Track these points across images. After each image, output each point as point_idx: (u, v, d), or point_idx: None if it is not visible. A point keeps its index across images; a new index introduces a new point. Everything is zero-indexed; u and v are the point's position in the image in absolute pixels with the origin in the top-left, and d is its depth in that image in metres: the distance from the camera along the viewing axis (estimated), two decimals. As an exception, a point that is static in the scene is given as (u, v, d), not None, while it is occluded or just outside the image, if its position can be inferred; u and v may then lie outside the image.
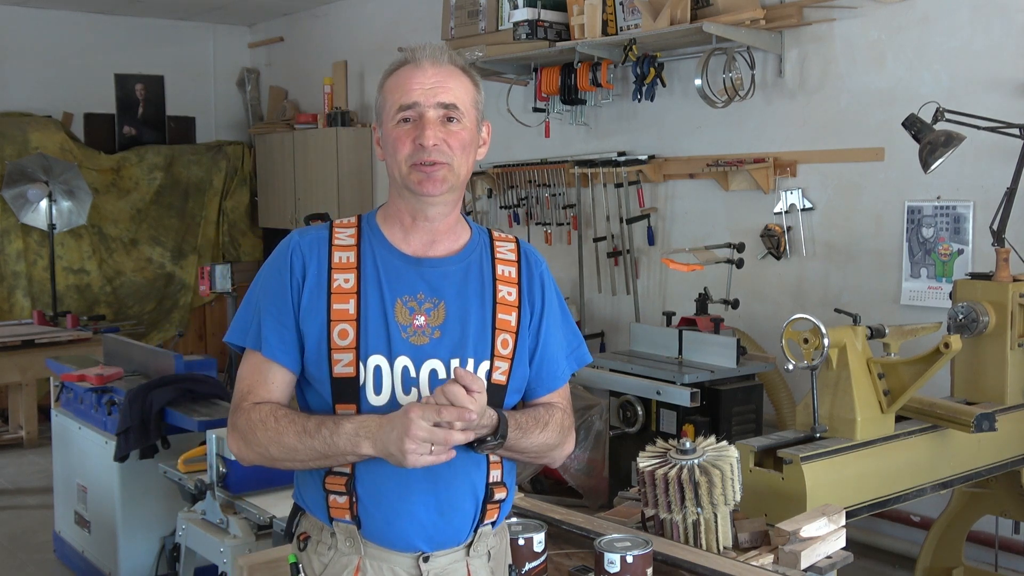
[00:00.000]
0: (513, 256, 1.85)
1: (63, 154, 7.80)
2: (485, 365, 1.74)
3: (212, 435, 3.33)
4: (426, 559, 1.73)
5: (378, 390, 1.69)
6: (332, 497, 1.71)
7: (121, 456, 3.91)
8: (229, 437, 1.74)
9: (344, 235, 1.78)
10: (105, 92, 8.37)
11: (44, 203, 7.43)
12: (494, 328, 1.76)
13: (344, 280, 1.72)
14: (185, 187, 8.52)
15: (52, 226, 7.45)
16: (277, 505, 3.18)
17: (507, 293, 1.80)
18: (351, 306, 1.71)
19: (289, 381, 1.75)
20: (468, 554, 1.76)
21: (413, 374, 1.70)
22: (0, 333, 6.43)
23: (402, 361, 1.70)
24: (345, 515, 1.71)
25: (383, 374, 1.69)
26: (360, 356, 1.69)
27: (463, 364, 1.72)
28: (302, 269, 1.73)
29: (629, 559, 2.01)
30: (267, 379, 1.73)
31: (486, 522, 1.78)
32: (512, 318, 1.79)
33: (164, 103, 8.66)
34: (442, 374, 1.71)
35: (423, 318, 1.72)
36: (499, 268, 1.82)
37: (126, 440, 3.88)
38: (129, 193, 8.27)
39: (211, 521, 3.35)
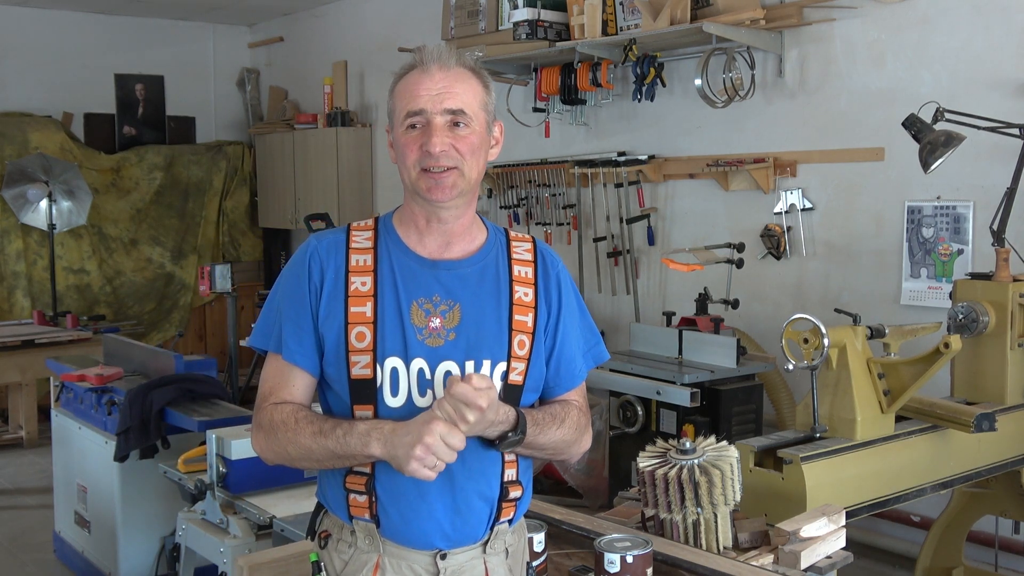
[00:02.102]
0: (530, 256, 1.86)
1: (63, 154, 7.80)
2: (502, 366, 1.76)
3: (212, 435, 3.33)
4: (443, 556, 1.75)
5: (395, 391, 1.72)
6: (352, 496, 1.74)
7: (121, 456, 3.91)
8: (253, 436, 1.79)
9: (361, 238, 1.80)
10: (105, 92, 8.37)
11: (44, 203, 7.43)
12: (511, 329, 1.78)
13: (361, 283, 1.75)
14: (185, 187, 8.52)
15: (52, 226, 7.45)
16: (277, 505, 3.17)
17: (524, 294, 1.82)
18: (368, 309, 1.74)
19: (309, 383, 1.79)
20: (485, 551, 1.79)
21: (428, 376, 1.73)
22: (0, 333, 6.43)
23: (418, 363, 1.72)
24: (364, 513, 1.74)
25: (399, 376, 1.72)
26: (377, 358, 1.72)
27: (478, 365, 1.74)
28: (320, 274, 1.76)
29: (629, 559, 2.01)
30: (288, 381, 1.78)
31: (502, 520, 1.80)
32: (529, 319, 1.80)
33: (164, 103, 8.65)
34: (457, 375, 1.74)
35: (439, 320, 1.74)
36: (515, 269, 1.83)
37: (126, 440, 3.88)
38: (129, 193, 8.27)
39: (211, 521, 3.34)
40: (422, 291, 1.76)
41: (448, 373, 1.72)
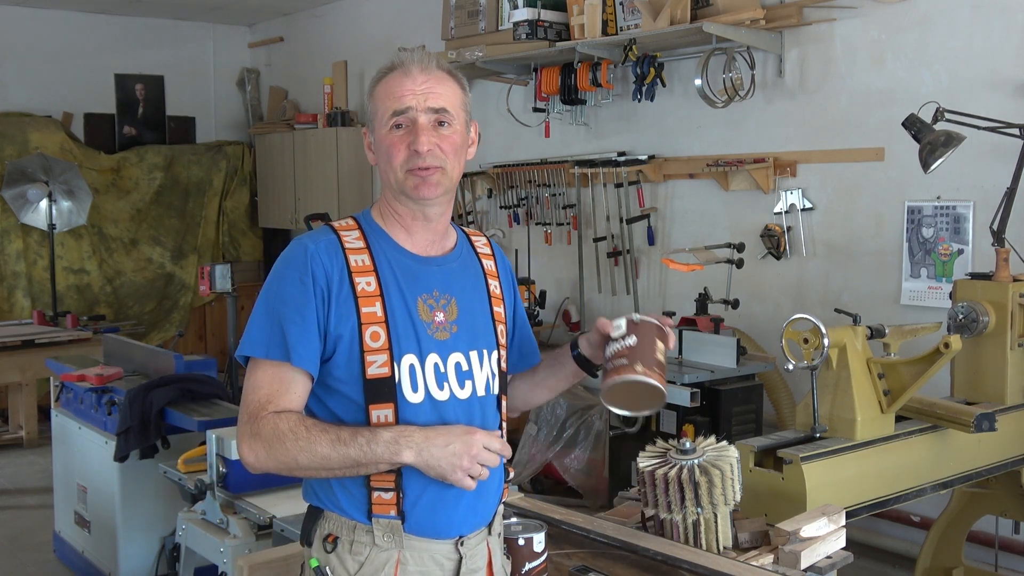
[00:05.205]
0: (488, 250, 1.97)
1: (63, 154, 7.80)
2: (495, 355, 1.84)
3: (212, 435, 3.33)
4: (462, 542, 1.78)
5: (415, 388, 1.74)
6: (377, 494, 1.73)
7: (121, 456, 3.91)
8: (245, 445, 1.70)
9: (351, 238, 1.79)
10: (105, 92, 8.37)
11: (44, 203, 7.43)
12: (493, 320, 1.87)
13: (366, 283, 1.75)
14: (185, 187, 8.52)
15: (52, 226, 7.45)
16: (277, 505, 3.17)
17: (494, 286, 1.92)
18: (378, 308, 1.74)
19: (308, 391, 1.76)
20: (489, 533, 1.85)
21: (443, 369, 1.77)
22: (0, 333, 6.43)
23: (432, 358, 1.76)
24: (390, 511, 1.73)
25: (416, 372, 1.74)
26: (394, 356, 1.73)
27: (480, 355, 1.82)
28: (325, 277, 1.73)
29: (636, 319, 1.86)
30: (289, 388, 1.72)
31: (502, 500, 1.88)
32: (502, 309, 1.92)
33: (164, 103, 8.66)
34: (465, 367, 1.79)
35: (442, 314, 1.79)
36: (484, 263, 1.93)
37: (126, 440, 3.88)
38: (129, 193, 8.27)
39: (211, 521, 3.34)
40: (423, 287, 1.79)
41: (458, 365, 1.78)
